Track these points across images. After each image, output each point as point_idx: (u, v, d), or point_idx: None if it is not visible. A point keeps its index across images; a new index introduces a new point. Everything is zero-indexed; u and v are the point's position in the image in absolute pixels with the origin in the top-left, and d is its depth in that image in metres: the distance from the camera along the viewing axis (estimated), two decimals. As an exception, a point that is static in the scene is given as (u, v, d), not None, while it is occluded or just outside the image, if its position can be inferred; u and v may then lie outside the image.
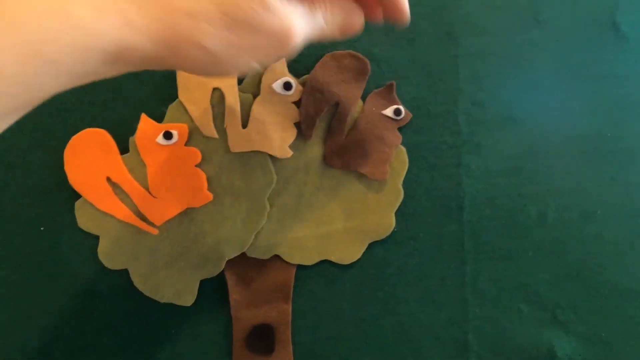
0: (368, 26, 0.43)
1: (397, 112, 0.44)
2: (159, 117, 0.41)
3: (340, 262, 0.45)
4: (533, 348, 0.50)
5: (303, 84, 0.43)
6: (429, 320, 0.48)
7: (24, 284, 0.41)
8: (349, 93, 0.44)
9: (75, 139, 0.40)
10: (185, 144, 0.42)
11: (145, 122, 0.41)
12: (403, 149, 0.45)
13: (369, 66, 0.44)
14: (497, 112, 0.47)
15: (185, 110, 0.41)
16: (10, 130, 0.39)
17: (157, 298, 0.43)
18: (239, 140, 0.42)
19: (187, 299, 0.43)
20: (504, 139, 0.47)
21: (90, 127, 0.41)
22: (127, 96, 0.41)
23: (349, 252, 0.45)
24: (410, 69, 0.45)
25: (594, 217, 0.50)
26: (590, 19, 0.48)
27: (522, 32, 0.47)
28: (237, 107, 0.42)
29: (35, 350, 0.42)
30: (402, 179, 0.45)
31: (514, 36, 0.47)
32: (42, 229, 0.41)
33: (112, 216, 0.41)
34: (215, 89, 0.42)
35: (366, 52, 0.44)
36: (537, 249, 0.49)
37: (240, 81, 0.42)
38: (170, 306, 0.43)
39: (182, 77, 0.41)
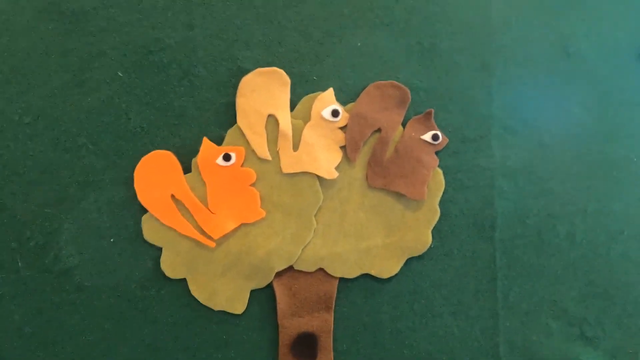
0: (409, 58, 0.43)
1: (435, 137, 0.45)
2: (219, 141, 0.43)
3: (379, 276, 0.45)
4: (561, 362, 0.48)
5: (349, 111, 0.44)
6: (462, 332, 0.47)
7: (94, 290, 0.43)
8: (391, 119, 0.44)
9: (144, 160, 0.42)
10: (242, 165, 0.42)
11: (206, 145, 0.42)
12: (440, 171, 0.45)
13: (409, 95, 0.44)
14: (528, 137, 0.47)
15: (243, 134, 0.42)
16: (86, 150, 0.41)
17: (211, 306, 0.44)
18: (290, 162, 0.43)
19: (238, 307, 0.44)
20: (534, 162, 0.47)
21: (158, 149, 0.42)
22: (191, 121, 0.42)
23: (387, 267, 0.45)
24: (447, 98, 0.46)
25: (620, 238, 0.49)
26: (616, 50, 0.48)
27: (553, 63, 0.47)
28: (290, 132, 0.43)
29: (99, 349, 0.43)
30: (438, 199, 0.45)
31: (545, 67, 0.47)
32: (112, 240, 0.42)
33: (174, 230, 0.42)
34: (270, 116, 0.43)
35: (407, 82, 0.45)
36: (566, 267, 0.48)
37: (291, 108, 0.43)
38: (223, 314, 0.44)
39: (241, 104, 0.42)
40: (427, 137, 0.46)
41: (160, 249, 0.44)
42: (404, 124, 0.46)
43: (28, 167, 0.42)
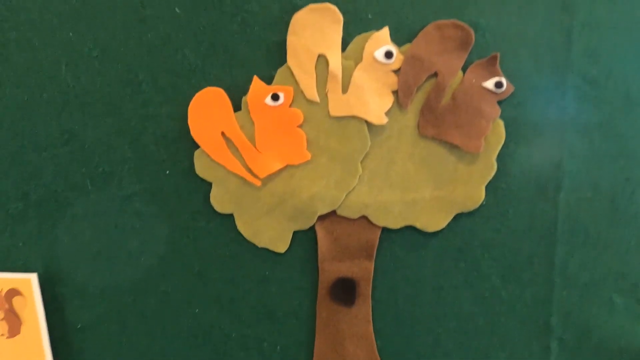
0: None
1: (499, 84, 0.40)
2: (268, 80, 0.42)
3: (424, 229, 0.43)
4: (623, 343, 0.43)
5: (404, 53, 0.40)
6: (511, 297, 0.44)
7: (150, 216, 0.45)
8: (450, 63, 0.40)
9: (198, 96, 0.42)
10: (290, 106, 0.41)
11: (256, 84, 0.41)
12: (501, 122, 0.41)
13: (472, 37, 0.40)
14: (612, 89, 0.41)
15: (292, 74, 0.41)
16: (146, 85, 0.42)
17: (255, 242, 0.45)
18: (338, 105, 0.41)
19: (281, 246, 0.44)
20: (616, 118, 0.41)
21: (210, 86, 0.42)
22: (243, 59, 0.42)
23: (434, 220, 0.43)
24: (517, 41, 0.40)
25: None
26: None
27: (653, 2, 0.39)
28: (339, 73, 0.40)
29: (153, 273, 0.46)
30: (496, 153, 0.41)
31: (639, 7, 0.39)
32: (167, 172, 0.44)
33: (223, 167, 0.43)
34: (320, 55, 0.41)
35: (471, 22, 0.40)
36: (642, 239, 0.42)
37: (343, 48, 0.41)
38: (266, 251, 0.45)
39: (291, 42, 0.41)
40: (490, 84, 0.41)
41: (210, 184, 0.45)
42: (464, 69, 0.42)
43: (96, 98, 0.44)
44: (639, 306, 0.44)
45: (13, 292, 0.46)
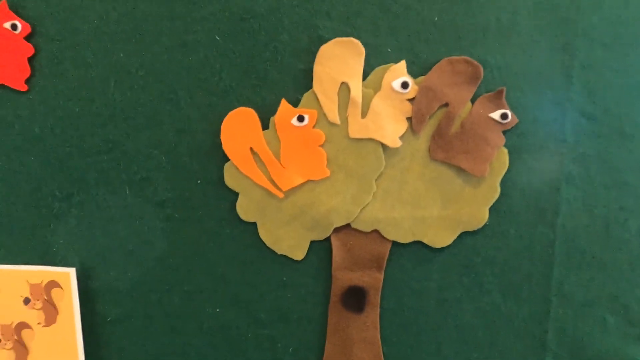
0: (484, 35, 0.42)
1: (504, 116, 0.44)
2: (295, 103, 0.46)
3: (431, 245, 0.46)
4: (615, 359, 0.46)
5: (419, 84, 0.44)
6: (510, 312, 0.47)
7: (180, 221, 0.49)
8: (460, 95, 0.44)
9: (231, 115, 0.46)
10: (313, 127, 0.45)
11: (284, 106, 0.45)
12: (505, 150, 0.45)
13: (481, 72, 0.44)
14: (607, 124, 0.44)
15: (317, 98, 0.45)
16: (184, 102, 0.47)
17: (275, 249, 0.48)
18: (357, 128, 0.45)
19: (298, 254, 0.47)
20: (611, 151, 0.44)
21: (242, 106, 0.46)
22: (273, 84, 0.46)
23: (441, 237, 0.46)
24: (521, 77, 0.44)
25: None
26: None
27: (647, 47, 0.43)
28: (359, 100, 0.44)
29: (180, 272, 0.49)
30: (500, 178, 0.45)
31: (637, 51, 0.43)
32: (198, 181, 0.48)
33: (250, 179, 0.46)
34: (343, 83, 0.44)
35: (480, 59, 0.44)
36: (633, 263, 0.45)
37: (364, 77, 0.45)
38: (285, 258, 0.48)
39: (317, 71, 0.45)
40: (496, 115, 0.45)
41: (237, 194, 0.48)
42: (473, 101, 0.46)
43: (138, 113, 0.48)
44: (630, 326, 0.47)
45: (52, 284, 0.49)
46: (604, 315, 0.47)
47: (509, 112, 0.45)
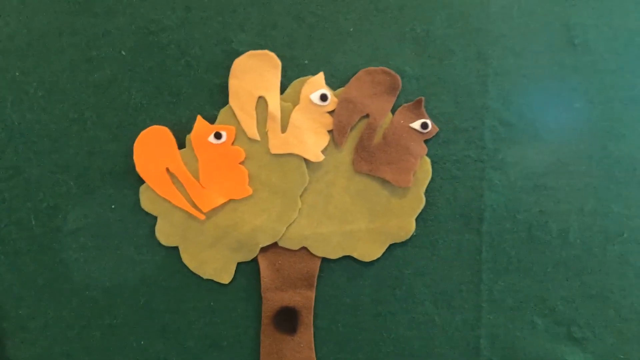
0: (401, 45, 0.42)
1: (424, 125, 0.43)
2: (212, 119, 0.43)
3: (361, 259, 0.45)
4: (546, 359, 0.46)
5: (338, 96, 0.43)
6: (443, 321, 0.46)
7: (96, 250, 0.45)
8: (380, 106, 0.43)
9: (143, 134, 0.43)
10: (232, 144, 0.43)
11: (200, 123, 0.43)
12: (428, 159, 0.44)
13: (400, 82, 0.43)
14: (523, 130, 0.44)
15: (234, 114, 0.43)
16: (92, 123, 0.43)
17: (200, 274, 0.45)
18: (278, 143, 0.43)
19: (225, 277, 0.45)
20: (528, 156, 0.45)
21: (155, 124, 0.43)
22: (187, 100, 0.44)
23: (370, 250, 0.45)
24: (439, 86, 0.44)
25: (619, 240, 0.45)
26: (628, 43, 0.43)
27: (556, 54, 0.44)
28: (278, 114, 0.43)
29: (99, 305, 0.45)
30: (424, 187, 0.44)
31: (547, 58, 0.44)
32: (113, 207, 0.44)
33: (168, 201, 0.44)
34: (260, 97, 0.43)
35: (398, 69, 0.43)
36: (556, 265, 0.46)
37: (282, 91, 0.43)
38: (211, 282, 0.45)
39: (233, 85, 0.43)
40: (417, 125, 0.44)
41: (155, 218, 0.45)
42: (393, 111, 0.45)
43: (41, 135, 0.44)
44: (558, 327, 0.47)
45: (-50, 330, 0.45)
46: (532, 317, 0.47)
47: (429, 122, 0.44)
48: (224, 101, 0.44)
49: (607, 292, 0.47)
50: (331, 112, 0.44)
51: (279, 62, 0.44)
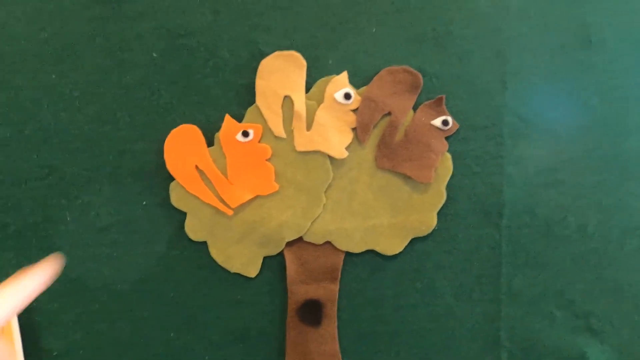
0: (421, 45, 0.43)
1: (445, 122, 0.44)
2: (239, 118, 0.45)
3: (384, 253, 0.46)
4: (564, 352, 0.47)
5: (361, 95, 0.44)
6: (463, 313, 0.47)
7: (127, 246, 0.47)
8: (401, 104, 0.44)
9: (173, 133, 0.45)
10: (259, 142, 0.44)
11: (228, 122, 0.44)
12: (449, 156, 0.45)
13: (421, 80, 0.44)
14: (541, 127, 0.46)
15: (261, 113, 0.44)
16: (124, 123, 0.45)
17: (227, 268, 0.47)
18: (303, 141, 0.44)
19: (252, 271, 0.46)
20: (546, 152, 0.46)
21: (185, 123, 0.44)
22: (215, 100, 0.45)
23: (392, 245, 0.46)
24: (458, 85, 0.45)
25: (637, 234, 0.46)
26: (644, 41, 0.44)
27: (574, 52, 0.45)
28: (304, 113, 0.44)
29: (128, 298, 0.47)
30: (445, 183, 0.45)
31: (563, 56, 0.45)
32: (144, 203, 0.46)
33: (197, 197, 0.45)
34: (286, 97, 0.44)
35: (419, 68, 0.45)
36: (575, 259, 0.47)
37: (307, 90, 0.44)
38: (238, 276, 0.47)
39: (259, 86, 0.44)
40: (437, 122, 0.45)
41: (185, 214, 0.47)
42: (414, 109, 0.46)
43: (75, 135, 0.46)
44: (577, 320, 0.48)
45: (-11, 322, 0.46)
46: (552, 310, 0.48)
47: (449, 119, 0.45)
48: (250, 101, 0.46)
49: (625, 284, 0.48)
50: (354, 111, 0.46)
51: (304, 62, 0.45)
